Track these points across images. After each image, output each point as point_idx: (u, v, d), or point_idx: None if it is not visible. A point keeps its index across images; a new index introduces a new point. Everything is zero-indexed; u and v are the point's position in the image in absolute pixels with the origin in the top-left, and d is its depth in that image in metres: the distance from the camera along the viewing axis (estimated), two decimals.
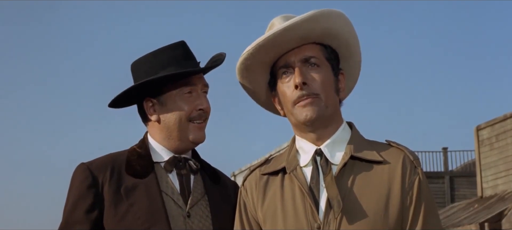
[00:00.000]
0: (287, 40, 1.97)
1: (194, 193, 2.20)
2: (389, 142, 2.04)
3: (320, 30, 1.99)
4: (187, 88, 2.19)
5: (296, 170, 2.00)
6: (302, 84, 1.96)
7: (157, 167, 2.21)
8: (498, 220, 13.60)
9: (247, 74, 2.08)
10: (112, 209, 2.12)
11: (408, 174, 1.95)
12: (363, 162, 1.97)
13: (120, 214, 2.12)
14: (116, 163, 2.20)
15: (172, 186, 2.19)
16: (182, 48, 2.23)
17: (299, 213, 1.94)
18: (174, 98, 2.19)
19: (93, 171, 2.17)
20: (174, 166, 2.21)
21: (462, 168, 24.24)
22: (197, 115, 2.20)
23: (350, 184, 1.94)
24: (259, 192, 2.06)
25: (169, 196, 2.16)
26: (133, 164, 2.19)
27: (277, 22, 2.03)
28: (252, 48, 2.00)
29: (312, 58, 2.00)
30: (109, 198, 2.13)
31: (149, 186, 2.15)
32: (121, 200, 2.13)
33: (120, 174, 2.17)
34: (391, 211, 1.91)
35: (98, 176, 2.16)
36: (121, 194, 2.13)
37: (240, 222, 2.08)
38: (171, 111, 2.20)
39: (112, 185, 2.15)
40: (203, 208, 2.20)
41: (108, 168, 2.18)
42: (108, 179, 2.15)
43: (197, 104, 2.19)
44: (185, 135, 2.20)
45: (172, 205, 2.15)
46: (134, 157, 2.21)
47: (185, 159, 2.23)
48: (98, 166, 2.19)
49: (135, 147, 2.25)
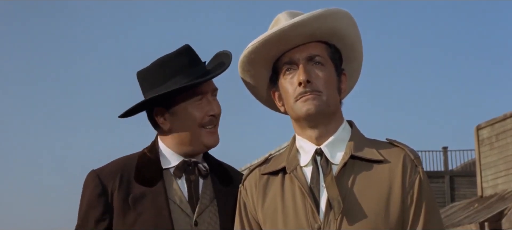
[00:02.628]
0: (293, 36, 1.96)
1: (203, 200, 2.19)
2: (390, 141, 2.03)
3: (327, 29, 1.98)
4: (198, 97, 2.18)
5: (296, 170, 1.99)
6: (306, 82, 1.95)
7: (166, 174, 2.20)
8: (498, 220, 13.59)
9: (249, 68, 2.07)
10: (121, 218, 2.13)
11: (409, 173, 1.94)
12: (363, 161, 1.96)
13: (128, 224, 2.13)
14: (125, 169, 2.20)
15: (180, 194, 2.18)
16: (188, 54, 2.22)
17: (300, 213, 1.93)
18: (185, 107, 2.19)
19: (103, 179, 2.18)
20: (183, 171, 2.21)
21: (462, 168, 24.24)
22: (208, 120, 2.19)
23: (350, 183, 1.93)
24: (259, 192, 2.05)
25: (177, 205, 2.16)
26: (143, 171, 2.19)
27: (283, 18, 2.02)
28: (258, 42, 1.99)
29: (317, 56, 1.99)
30: (117, 207, 2.14)
31: (157, 195, 2.15)
32: (129, 209, 2.13)
33: (129, 182, 2.17)
34: (392, 210, 1.90)
35: (107, 184, 2.17)
36: (129, 204, 2.14)
37: (240, 222, 2.07)
38: (182, 120, 2.19)
39: (121, 194, 2.15)
40: (211, 214, 2.19)
41: (118, 175, 2.18)
42: (117, 187, 2.16)
43: (208, 110, 2.19)
44: (198, 140, 2.20)
45: (179, 214, 2.15)
46: (144, 163, 2.21)
47: (194, 163, 2.23)
48: (107, 173, 2.19)
49: (146, 150, 2.25)
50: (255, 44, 2.00)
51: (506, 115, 15.48)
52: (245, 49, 2.03)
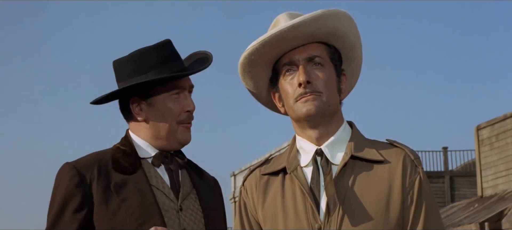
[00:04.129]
0: (293, 37, 1.97)
1: (184, 187, 2.22)
2: (390, 141, 2.04)
3: (327, 29, 1.99)
4: (175, 90, 2.21)
5: (297, 170, 1.99)
6: (306, 83, 1.96)
7: (144, 163, 2.21)
8: (498, 220, 13.59)
9: (249, 69, 2.08)
10: (103, 207, 2.11)
11: (409, 173, 1.95)
12: (363, 161, 1.96)
13: (112, 211, 2.10)
14: (102, 161, 2.18)
15: (162, 181, 2.19)
16: (168, 48, 2.24)
17: (300, 213, 1.93)
18: (162, 99, 2.21)
19: (80, 170, 2.14)
20: (161, 161, 2.22)
21: (462, 168, 24.25)
22: (185, 116, 2.22)
23: (350, 184, 1.93)
24: (260, 192, 2.05)
25: (161, 190, 2.17)
26: (120, 161, 2.18)
27: (282, 19, 2.03)
28: (258, 43, 1.99)
29: (316, 57, 2.00)
30: (98, 196, 2.11)
31: (139, 181, 2.15)
32: (112, 196, 2.11)
33: (108, 171, 2.15)
34: (392, 210, 1.91)
35: (85, 174, 2.13)
36: (111, 191, 2.12)
37: (240, 222, 2.07)
38: (159, 113, 2.21)
39: (101, 183, 2.12)
40: (193, 201, 2.22)
41: (95, 166, 2.15)
42: (96, 177, 2.13)
43: (185, 105, 2.22)
44: (174, 136, 2.22)
45: (164, 199, 2.16)
46: (120, 155, 2.20)
47: (171, 155, 2.25)
48: (84, 164, 2.16)
49: (118, 145, 2.24)
50: (255, 45, 2.00)
51: (506, 115, 15.48)
52: (245, 50, 2.04)
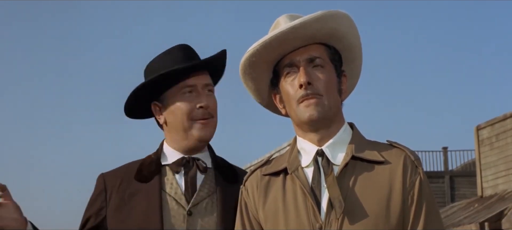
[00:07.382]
0: (294, 39, 1.97)
1: (200, 192, 2.22)
2: (390, 142, 2.05)
3: (327, 31, 2.00)
4: (187, 88, 2.21)
5: (298, 171, 2.00)
6: (307, 84, 1.96)
7: (163, 170, 2.25)
8: (498, 220, 13.60)
9: (250, 71, 2.08)
10: (117, 214, 2.21)
11: (409, 174, 1.95)
12: (364, 162, 1.97)
13: (121, 219, 2.19)
14: (129, 171, 2.28)
15: (176, 186, 2.21)
16: (184, 50, 2.25)
17: (301, 213, 1.94)
18: (174, 98, 2.22)
19: (106, 180, 2.28)
20: (182, 166, 2.24)
21: (462, 168, 24.24)
22: (199, 113, 2.21)
23: (351, 184, 1.94)
24: (260, 193, 2.06)
25: (172, 196, 2.19)
26: (142, 170, 2.25)
27: (282, 21, 2.03)
28: (259, 45, 2.00)
29: (317, 58, 2.00)
30: (114, 204, 2.22)
31: (151, 189, 2.20)
32: (124, 205, 2.20)
33: (129, 181, 2.25)
34: (393, 211, 1.91)
35: (109, 184, 2.27)
36: (125, 200, 2.21)
37: (241, 222, 2.07)
38: (173, 111, 2.23)
39: (120, 192, 2.23)
40: (209, 206, 2.21)
41: (121, 176, 2.27)
42: (117, 187, 2.24)
43: (196, 102, 2.21)
44: (189, 133, 2.22)
45: (173, 205, 2.18)
46: (146, 163, 2.27)
47: (193, 159, 2.25)
48: (112, 175, 2.29)
49: (152, 154, 2.31)
50: (256, 47, 2.01)
51: (506, 115, 15.48)
52: (246, 52, 2.04)
